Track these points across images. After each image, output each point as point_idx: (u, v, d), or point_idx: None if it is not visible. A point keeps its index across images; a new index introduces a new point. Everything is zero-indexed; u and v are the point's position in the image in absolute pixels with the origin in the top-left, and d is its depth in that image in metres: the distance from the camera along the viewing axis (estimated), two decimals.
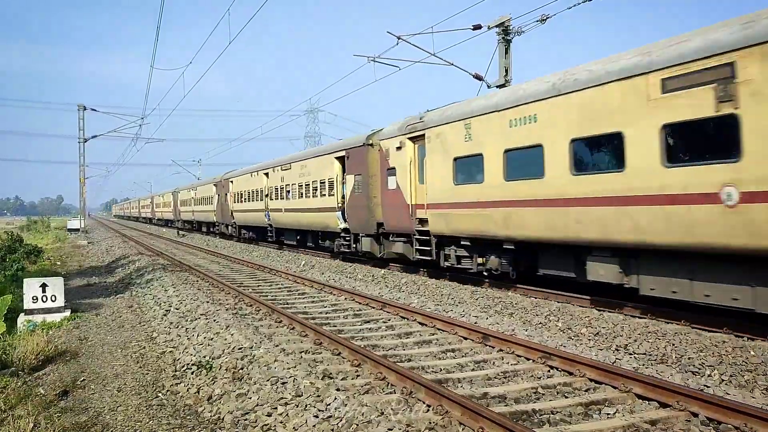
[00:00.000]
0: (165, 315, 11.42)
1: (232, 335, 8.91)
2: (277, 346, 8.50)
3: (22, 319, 10.95)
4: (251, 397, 6.26)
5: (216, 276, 17.48)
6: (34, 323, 10.70)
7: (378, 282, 15.63)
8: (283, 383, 6.45)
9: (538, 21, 15.73)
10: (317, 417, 5.50)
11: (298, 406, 5.83)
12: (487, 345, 8.47)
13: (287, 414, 5.71)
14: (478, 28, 16.66)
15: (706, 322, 9.10)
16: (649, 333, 8.74)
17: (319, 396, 5.97)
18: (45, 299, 11.37)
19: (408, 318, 10.62)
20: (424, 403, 5.96)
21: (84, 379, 7.54)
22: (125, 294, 15.08)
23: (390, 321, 10.57)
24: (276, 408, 5.85)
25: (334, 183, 20.99)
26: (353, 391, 6.34)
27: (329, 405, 5.73)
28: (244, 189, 32.86)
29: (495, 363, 7.73)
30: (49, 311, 11.33)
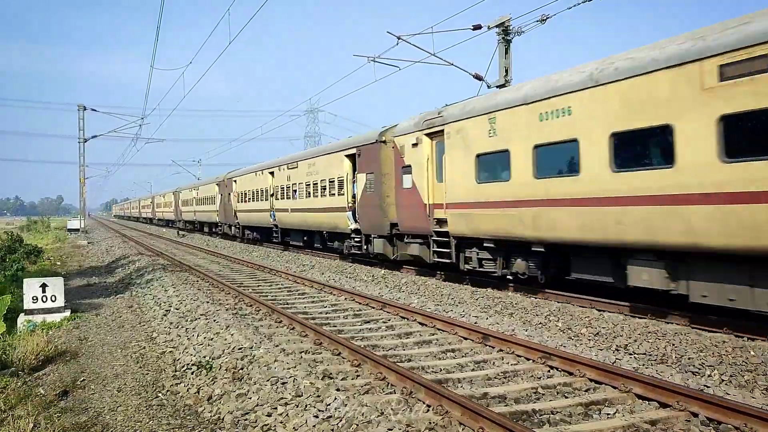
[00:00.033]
0: (165, 315, 11.43)
1: (232, 335, 8.92)
2: (277, 346, 8.50)
3: (22, 319, 10.96)
4: (251, 397, 6.26)
5: (216, 276, 17.48)
6: (34, 323, 10.71)
7: (378, 282, 15.64)
8: (283, 383, 6.46)
9: (538, 21, 15.75)
10: (317, 417, 5.51)
11: (298, 406, 5.83)
12: (487, 345, 8.48)
13: (287, 414, 5.71)
14: (478, 28, 16.67)
15: (706, 322, 9.10)
16: (649, 333, 8.74)
17: (319, 396, 5.97)
18: (45, 299, 11.38)
19: (408, 318, 10.62)
20: (424, 403, 5.96)
21: (84, 379, 7.54)
22: (125, 294, 15.09)
23: (390, 321, 10.57)
24: (276, 408, 5.85)
25: (344, 182, 20.35)
26: (353, 391, 6.34)
27: (329, 405, 5.73)
28: (248, 188, 32.20)
29: (495, 363, 7.73)
30: (49, 311, 11.34)
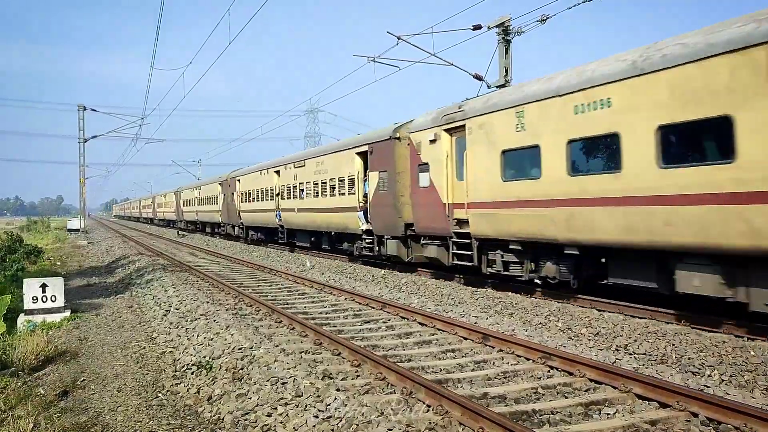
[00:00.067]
0: (165, 315, 11.43)
1: (232, 335, 8.92)
2: (277, 346, 8.50)
3: (22, 320, 10.96)
4: (251, 398, 6.26)
5: (216, 276, 17.48)
6: (34, 323, 10.71)
7: (378, 282, 15.64)
8: (283, 383, 6.46)
9: (538, 21, 15.73)
10: (317, 417, 5.51)
11: (298, 406, 5.83)
12: (487, 345, 8.47)
13: (287, 414, 5.71)
14: (478, 28, 16.65)
15: (706, 322, 9.10)
16: (649, 333, 8.74)
17: (319, 396, 5.97)
18: (45, 299, 11.38)
19: (408, 318, 10.62)
20: (424, 404, 5.96)
21: (84, 380, 7.54)
22: (125, 294, 15.08)
23: (390, 321, 10.57)
24: (276, 408, 5.85)
25: (354, 180, 19.54)
26: (353, 392, 6.34)
27: (329, 405, 5.73)
28: (252, 188, 31.36)
29: (495, 363, 7.73)
30: (49, 311, 11.34)
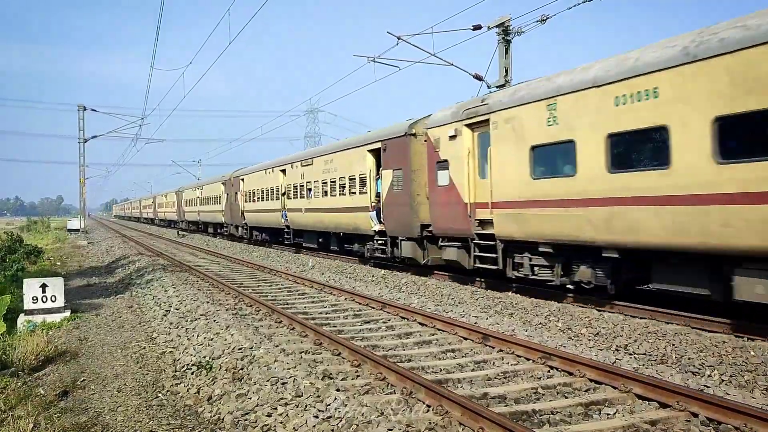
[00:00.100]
0: (165, 315, 11.43)
1: (232, 335, 8.92)
2: (277, 346, 8.50)
3: (22, 320, 10.96)
4: (251, 398, 6.26)
5: (216, 276, 17.49)
6: (34, 323, 10.71)
7: (378, 282, 15.64)
8: (283, 383, 6.46)
9: (538, 21, 15.72)
10: (317, 417, 5.51)
11: (298, 406, 5.83)
12: (487, 345, 8.47)
13: (287, 414, 5.71)
14: (478, 28, 16.64)
15: (706, 322, 9.10)
16: (649, 333, 8.74)
17: (319, 396, 5.98)
18: (45, 299, 11.38)
19: (408, 318, 10.62)
20: (424, 404, 5.96)
21: (84, 380, 7.54)
22: (125, 294, 15.09)
23: (390, 321, 10.57)
24: (276, 408, 5.86)
25: (366, 179, 18.71)
26: (353, 392, 6.34)
27: (329, 405, 5.73)
28: (257, 187, 30.51)
29: (495, 363, 7.72)
30: (49, 311, 11.34)
